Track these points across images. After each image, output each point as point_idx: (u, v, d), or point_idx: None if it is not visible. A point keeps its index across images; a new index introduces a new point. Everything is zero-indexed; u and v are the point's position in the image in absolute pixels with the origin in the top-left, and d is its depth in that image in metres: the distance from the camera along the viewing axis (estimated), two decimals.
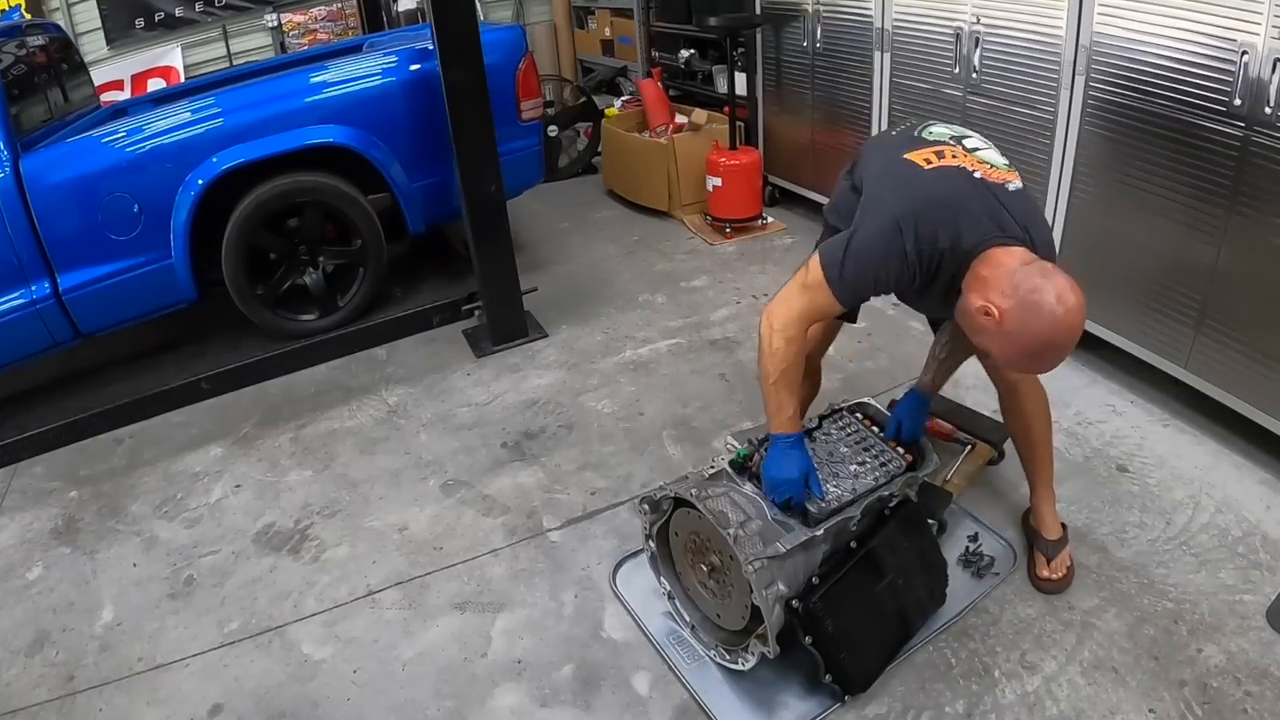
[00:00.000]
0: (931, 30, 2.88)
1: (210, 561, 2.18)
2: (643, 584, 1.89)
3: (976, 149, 1.60)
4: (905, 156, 1.58)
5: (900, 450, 1.80)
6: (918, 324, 2.98)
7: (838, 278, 1.52)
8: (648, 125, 4.46)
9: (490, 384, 2.88)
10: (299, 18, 5.71)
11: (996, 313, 1.39)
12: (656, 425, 2.56)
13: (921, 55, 2.97)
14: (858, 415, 1.92)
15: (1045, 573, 1.85)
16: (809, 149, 3.78)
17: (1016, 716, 1.59)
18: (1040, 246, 1.48)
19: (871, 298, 1.61)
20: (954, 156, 1.56)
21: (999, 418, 2.30)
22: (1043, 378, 2.54)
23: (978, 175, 1.53)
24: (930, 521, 1.84)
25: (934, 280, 1.51)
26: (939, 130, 1.67)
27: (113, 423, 2.82)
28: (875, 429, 1.86)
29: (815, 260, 1.56)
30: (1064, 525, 1.92)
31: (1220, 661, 1.65)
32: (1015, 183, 1.54)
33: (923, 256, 1.47)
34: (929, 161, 1.55)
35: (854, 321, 1.97)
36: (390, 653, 1.86)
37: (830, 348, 2.38)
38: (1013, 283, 1.39)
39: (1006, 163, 1.60)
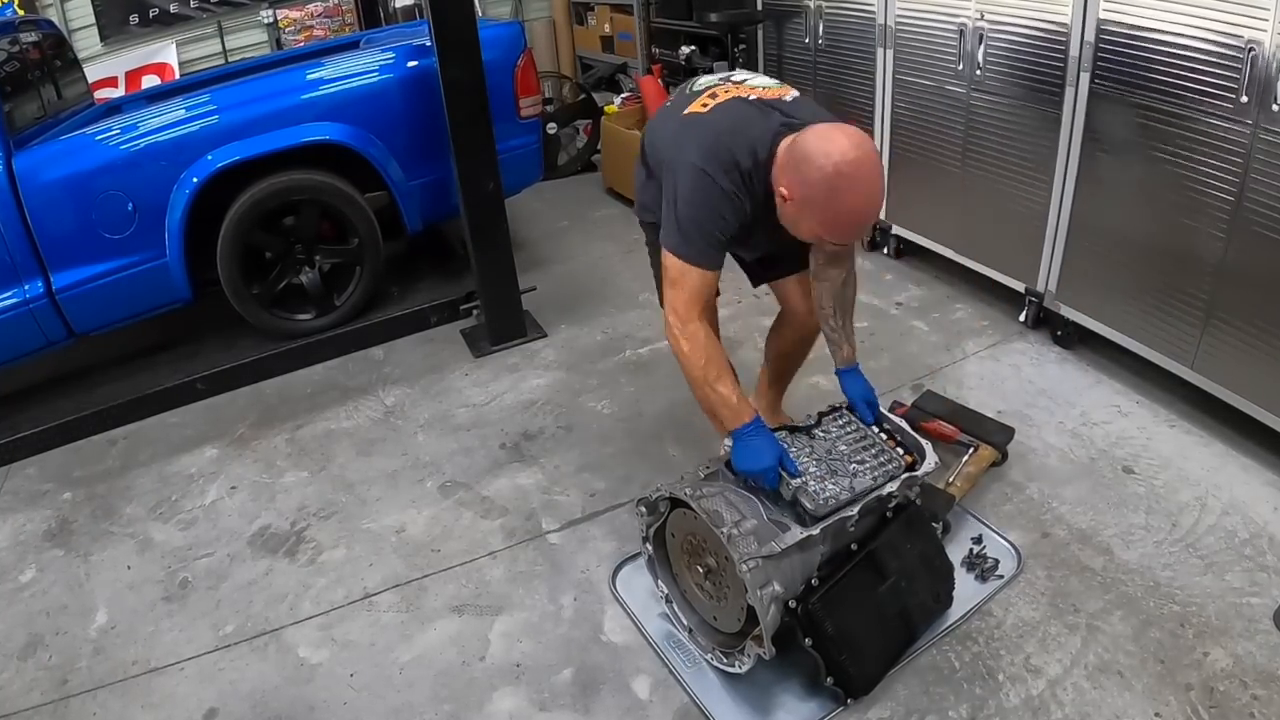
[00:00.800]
0: (935, 26, 2.88)
1: (205, 564, 2.19)
2: (643, 586, 1.89)
3: (745, 79, 1.69)
4: (685, 113, 1.66)
5: (900, 451, 1.80)
6: (920, 323, 2.99)
7: (689, 251, 1.58)
8: (648, 122, 4.45)
9: (489, 384, 2.88)
10: (295, 14, 5.71)
11: (785, 191, 1.47)
12: (657, 426, 2.56)
13: (925, 51, 2.97)
14: (857, 413, 1.92)
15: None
16: None
17: None
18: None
19: (727, 243, 1.62)
20: (726, 92, 1.64)
21: (1002, 419, 2.31)
22: (1046, 378, 2.55)
23: (754, 98, 1.62)
24: (935, 523, 1.85)
25: (760, 203, 1.57)
26: (706, 80, 1.75)
27: (107, 423, 2.82)
28: (875, 429, 1.86)
29: (667, 255, 1.62)
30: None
31: (1227, 665, 1.65)
32: (792, 93, 1.66)
33: (737, 184, 1.54)
34: (705, 105, 1.63)
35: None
36: (387, 656, 1.86)
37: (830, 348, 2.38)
38: (787, 158, 1.49)
39: (778, 83, 1.70)
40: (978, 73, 2.75)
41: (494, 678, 1.79)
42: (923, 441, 1.78)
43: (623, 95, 5.13)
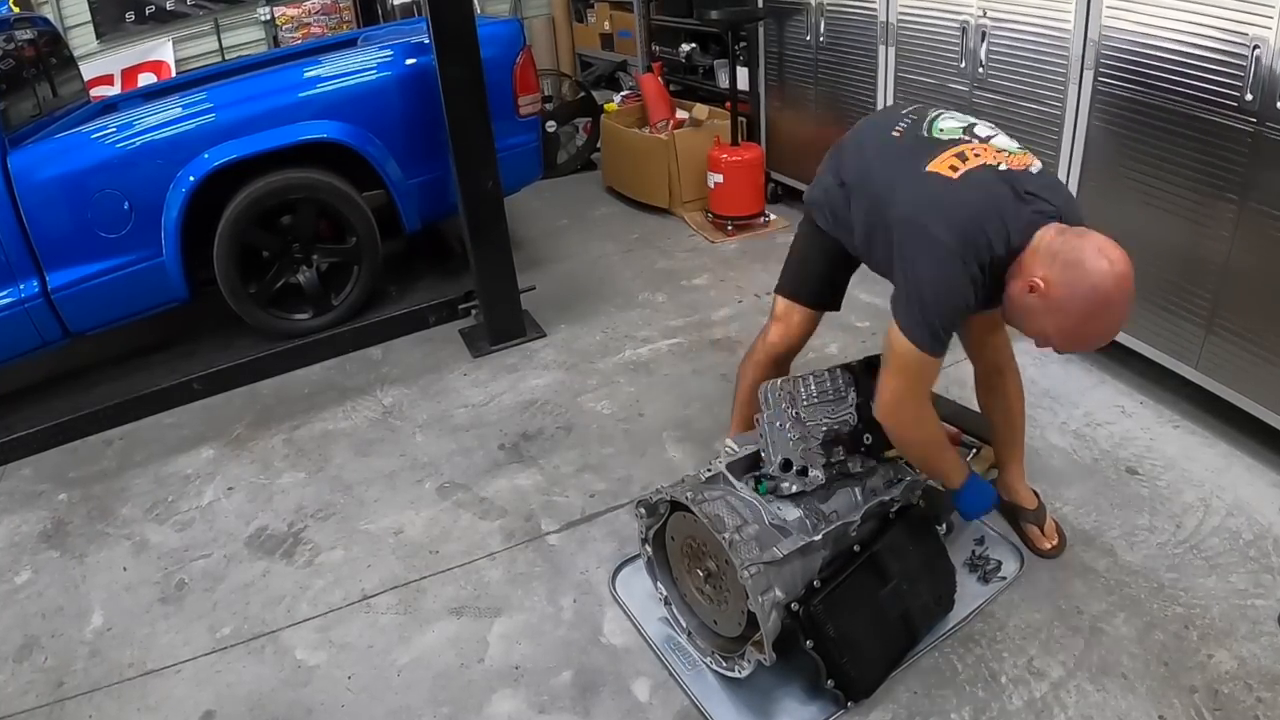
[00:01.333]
0: (937, 24, 2.88)
1: (202, 565, 2.19)
2: (643, 588, 1.89)
3: (990, 138, 1.59)
4: (928, 170, 1.53)
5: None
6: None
7: (932, 343, 1.52)
8: (648, 121, 4.46)
9: (487, 384, 2.88)
10: (292, 11, 5.71)
11: (1041, 284, 1.41)
12: (657, 427, 2.56)
13: (927, 49, 2.97)
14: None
15: (1047, 544, 1.93)
16: (812, 145, 3.77)
17: None
18: (1072, 219, 1.50)
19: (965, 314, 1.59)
20: (976, 155, 1.53)
21: None
22: (1050, 378, 2.55)
23: (1004, 168, 1.51)
24: (938, 525, 1.85)
25: (998, 285, 1.52)
26: (948, 125, 1.63)
27: (103, 424, 2.82)
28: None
29: (899, 339, 1.54)
30: (1036, 492, 2.00)
31: (1231, 667, 1.65)
32: (1035, 164, 1.56)
33: (985, 270, 1.48)
34: (955, 169, 1.52)
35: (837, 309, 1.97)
36: (385, 658, 1.86)
37: (834, 347, 2.38)
38: (1050, 251, 1.42)
39: (1019, 145, 1.60)
40: (980, 70, 2.75)
41: (493, 680, 1.79)
42: None
43: (623, 93, 5.13)
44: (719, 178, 3.88)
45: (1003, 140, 1.59)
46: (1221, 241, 2.12)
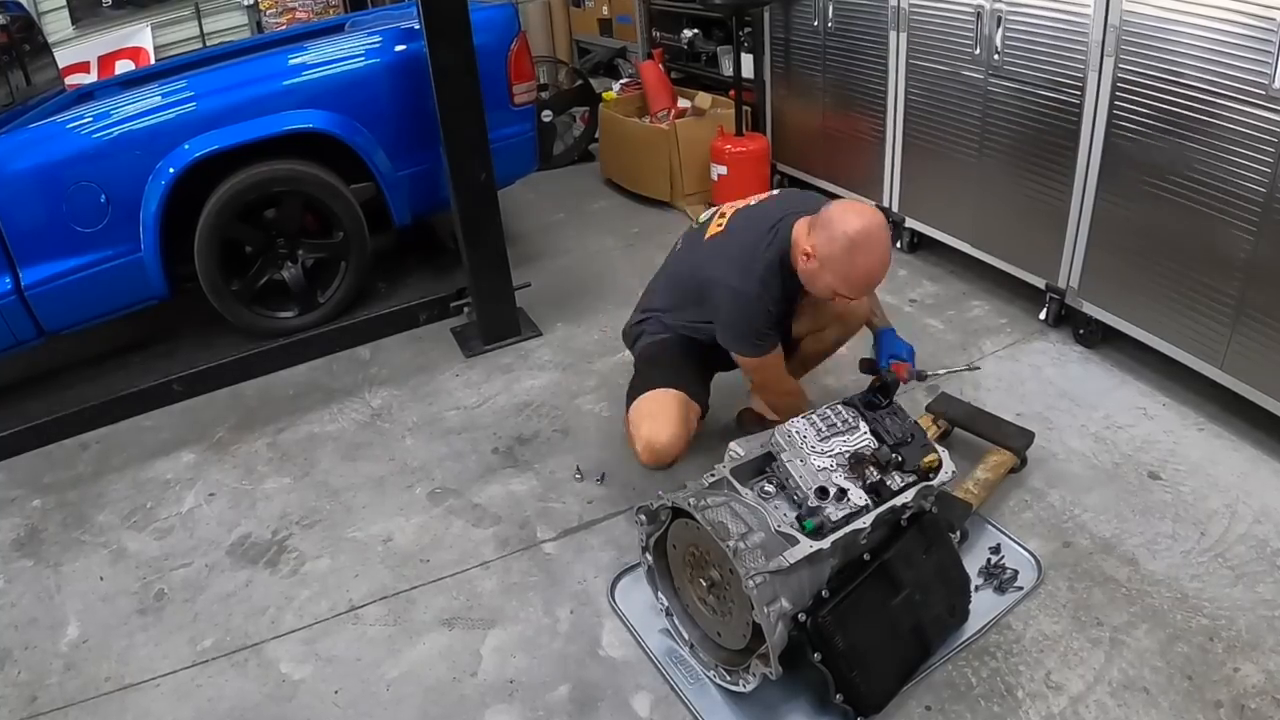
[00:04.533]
0: (951, 8, 2.88)
1: (182, 575, 2.18)
2: (643, 599, 1.89)
3: (735, 204, 2.14)
4: (706, 238, 2.10)
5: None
6: (936, 321, 2.99)
7: (755, 347, 2.05)
8: (648, 110, 4.46)
9: (480, 385, 2.88)
10: None
11: (810, 249, 1.86)
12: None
13: (940, 35, 2.97)
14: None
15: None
16: (820, 135, 3.78)
17: None
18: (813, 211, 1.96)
19: (777, 323, 2.06)
20: (723, 214, 2.12)
21: (1022, 423, 2.31)
22: (1068, 378, 2.55)
23: (752, 202, 2.10)
24: (952, 533, 1.85)
25: (788, 282, 1.99)
26: (705, 214, 2.24)
27: (79, 427, 2.82)
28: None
29: (742, 361, 2.11)
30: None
31: (1259, 681, 1.65)
32: (774, 193, 2.18)
33: (771, 275, 1.96)
34: (720, 225, 2.09)
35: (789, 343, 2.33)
36: (374, 672, 1.86)
37: (843, 347, 2.39)
38: (809, 226, 1.90)
39: (761, 195, 2.16)
40: (995, 57, 2.74)
41: (486, 695, 1.79)
42: (939, 448, 1.78)
43: (622, 81, 5.13)
44: (723, 169, 3.88)
45: (748, 199, 2.14)
46: (1248, 236, 2.12)
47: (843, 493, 1.66)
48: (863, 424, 1.80)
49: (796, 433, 1.75)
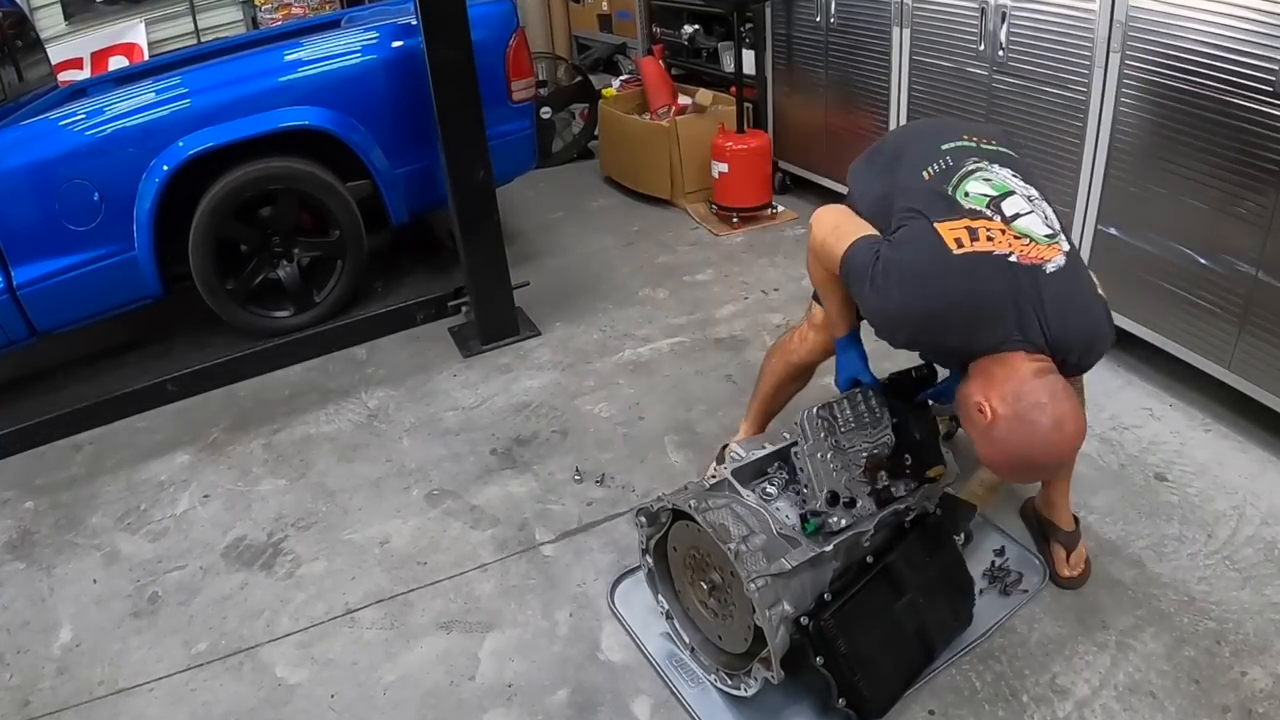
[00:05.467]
0: (954, 4, 2.88)
1: (176, 577, 2.18)
2: (643, 602, 1.89)
3: (1017, 215, 1.54)
4: (936, 226, 1.52)
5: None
6: None
7: (847, 265, 1.62)
8: (648, 107, 4.46)
9: (478, 386, 2.88)
10: None
11: (990, 415, 1.45)
12: (657, 430, 2.56)
13: (944, 31, 2.97)
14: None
15: (1067, 570, 1.90)
16: (822, 132, 3.78)
17: None
18: (1064, 345, 1.49)
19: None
20: (988, 237, 1.50)
21: None
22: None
23: (1013, 259, 1.48)
24: (956, 535, 1.85)
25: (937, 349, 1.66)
26: (977, 188, 1.59)
27: (71, 428, 2.82)
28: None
29: (840, 248, 1.63)
30: (1076, 517, 1.97)
31: (1266, 685, 1.65)
32: (1056, 259, 1.49)
33: (923, 346, 1.67)
34: (960, 244, 1.49)
35: None
36: (371, 675, 1.86)
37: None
38: (1017, 392, 1.43)
39: (1049, 232, 1.54)
40: (1000, 54, 2.74)
41: (484, 699, 1.79)
42: (944, 449, 1.78)
43: (622, 78, 5.13)
44: (724, 167, 3.88)
45: (1030, 221, 1.53)
46: (1256, 235, 2.12)
47: (853, 502, 1.64)
48: (886, 416, 1.76)
49: (822, 421, 1.68)
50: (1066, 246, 1.54)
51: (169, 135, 2.76)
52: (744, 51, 3.98)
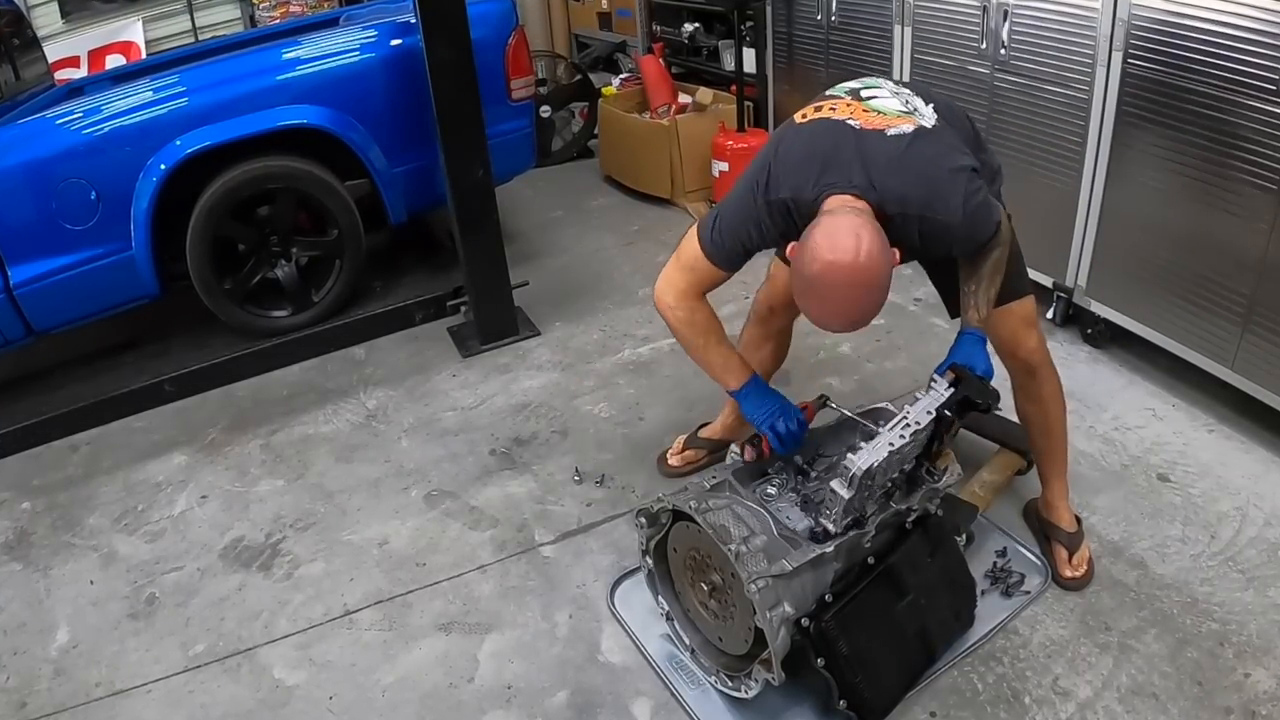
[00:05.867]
0: (956, 2, 2.88)
1: (174, 579, 2.18)
2: (643, 603, 1.89)
3: (873, 98, 1.64)
4: (792, 117, 1.68)
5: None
6: (941, 321, 2.98)
7: (710, 244, 1.67)
8: (648, 105, 4.46)
9: (478, 386, 2.88)
10: None
11: (789, 251, 1.49)
12: (658, 431, 2.56)
13: (945, 30, 2.97)
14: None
15: (1069, 571, 1.90)
16: None
17: None
18: (895, 195, 1.51)
19: (748, 254, 1.70)
20: (831, 109, 1.62)
21: None
22: (1076, 379, 2.55)
23: (852, 123, 1.58)
24: (958, 536, 1.85)
25: (797, 233, 1.56)
26: (848, 85, 1.72)
27: (68, 428, 2.82)
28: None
29: (691, 233, 1.72)
30: (1078, 518, 1.97)
31: (1270, 687, 1.65)
32: (901, 127, 1.56)
33: (772, 211, 1.59)
34: (804, 116, 1.65)
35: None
36: (369, 677, 1.86)
37: (847, 346, 2.39)
38: (816, 221, 1.48)
39: (906, 110, 1.62)
40: (1002, 52, 2.74)
41: (483, 700, 1.79)
42: (945, 450, 1.78)
43: (622, 76, 5.13)
44: (724, 166, 3.88)
45: (885, 103, 1.63)
46: (1259, 234, 2.12)
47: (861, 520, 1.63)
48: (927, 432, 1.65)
49: (897, 430, 1.59)
50: (925, 123, 1.59)
51: (166, 134, 2.76)
52: (745, 50, 3.98)
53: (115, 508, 2.47)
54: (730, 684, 1.67)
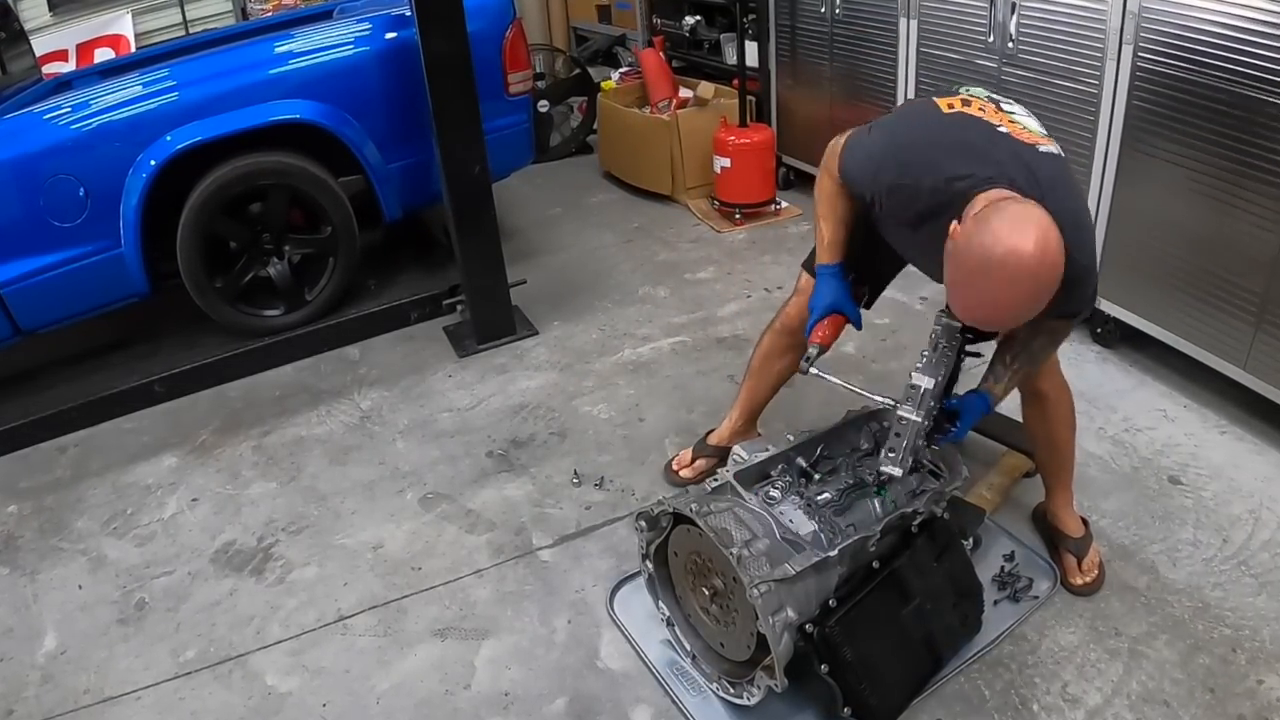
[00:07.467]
0: None
1: (164, 583, 2.18)
2: (643, 608, 1.89)
3: (1013, 112, 1.62)
4: (934, 99, 1.65)
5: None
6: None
7: (847, 149, 1.71)
8: (648, 100, 4.46)
9: (474, 386, 2.88)
10: None
11: (955, 230, 1.41)
12: (658, 432, 2.56)
13: (952, 22, 2.97)
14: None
15: (1078, 578, 1.90)
16: (827, 126, 3.77)
17: None
18: (1055, 218, 1.40)
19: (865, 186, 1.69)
20: (981, 110, 1.59)
21: None
22: (1085, 380, 2.55)
23: (1002, 129, 1.54)
24: (964, 540, 1.85)
25: (914, 205, 1.57)
26: (977, 90, 1.69)
27: (56, 429, 2.82)
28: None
29: (840, 139, 1.76)
30: (1085, 521, 1.97)
31: None
32: (1049, 147, 1.55)
33: (905, 190, 1.57)
34: (950, 106, 1.61)
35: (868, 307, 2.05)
36: (363, 684, 1.86)
37: (851, 346, 2.39)
38: (988, 205, 1.41)
39: (1043, 131, 1.61)
40: (1010, 45, 2.75)
41: (480, 708, 1.79)
42: (952, 452, 1.78)
43: (621, 70, 5.13)
44: (726, 162, 3.88)
45: (1025, 120, 1.61)
46: (1272, 231, 2.12)
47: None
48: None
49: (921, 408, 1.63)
50: (1060, 150, 1.57)
51: (156, 129, 2.76)
52: (747, 43, 3.98)
53: (104, 511, 2.47)
54: (732, 691, 1.67)
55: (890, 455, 1.64)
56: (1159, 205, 2.41)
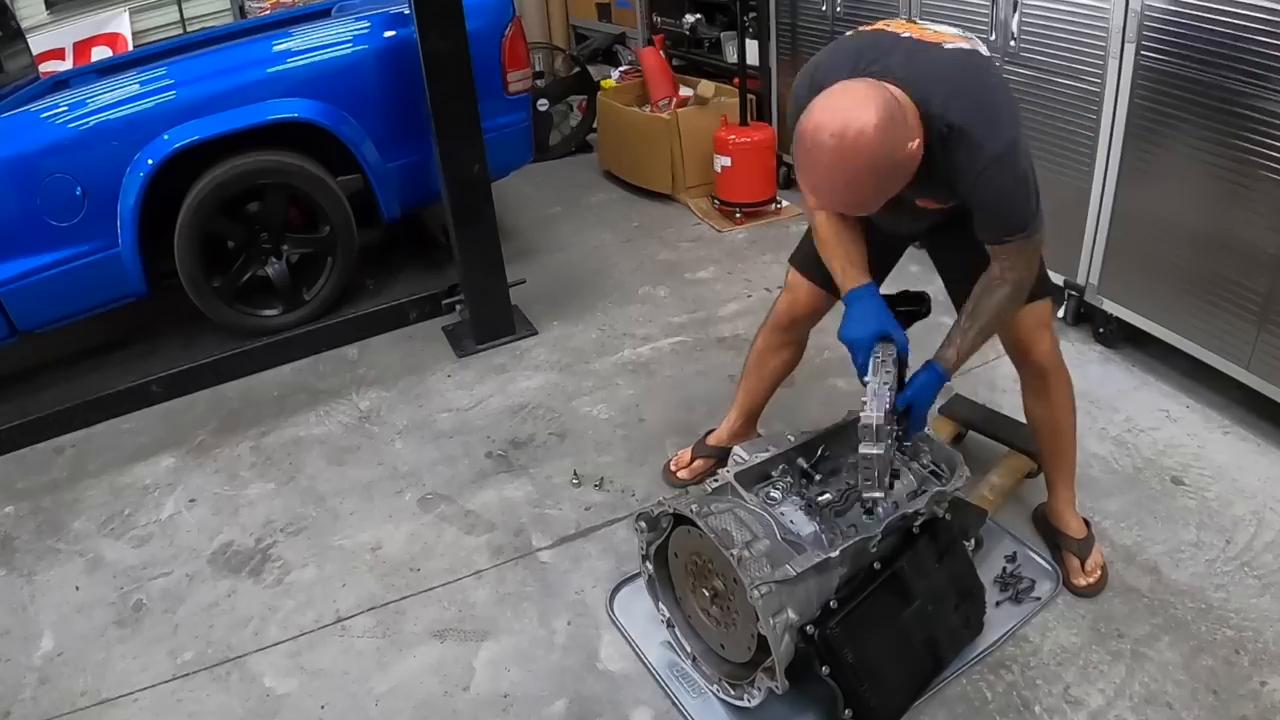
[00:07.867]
0: None
1: (161, 584, 2.18)
2: (643, 610, 1.89)
3: (927, 26, 1.61)
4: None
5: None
6: (948, 320, 2.98)
7: (789, 115, 1.62)
8: (648, 99, 4.46)
9: (473, 387, 2.88)
10: None
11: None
12: (658, 433, 2.56)
13: (954, 20, 2.95)
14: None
15: (1081, 580, 1.90)
16: None
17: None
18: (922, 88, 1.44)
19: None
20: (887, 25, 1.61)
21: None
22: (1088, 380, 2.55)
23: (904, 35, 1.54)
24: (966, 541, 1.85)
25: None
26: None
27: (53, 430, 2.82)
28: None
29: None
30: (1087, 521, 1.97)
31: None
32: (958, 43, 1.52)
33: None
34: (861, 32, 1.64)
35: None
36: (362, 686, 1.86)
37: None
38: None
39: (958, 31, 1.58)
40: (1012, 44, 2.74)
41: (479, 710, 1.79)
42: (954, 453, 1.78)
43: (621, 68, 5.13)
44: (726, 160, 3.88)
45: (943, 27, 1.60)
46: (1276, 231, 2.12)
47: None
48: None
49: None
50: (982, 49, 1.54)
51: (154, 128, 2.76)
52: (747, 41, 3.98)
53: (101, 512, 2.47)
54: (733, 692, 1.67)
55: (867, 484, 1.60)
56: (1162, 204, 2.41)
